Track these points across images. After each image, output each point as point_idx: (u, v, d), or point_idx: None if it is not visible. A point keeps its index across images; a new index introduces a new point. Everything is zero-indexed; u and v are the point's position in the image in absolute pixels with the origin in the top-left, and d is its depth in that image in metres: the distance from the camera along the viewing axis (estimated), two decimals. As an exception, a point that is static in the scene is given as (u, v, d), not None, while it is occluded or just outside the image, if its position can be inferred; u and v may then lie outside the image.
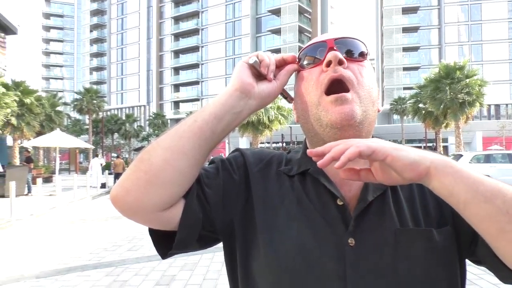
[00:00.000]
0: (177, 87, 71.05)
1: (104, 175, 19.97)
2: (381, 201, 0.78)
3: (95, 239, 7.72)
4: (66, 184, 18.46)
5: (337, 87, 0.76)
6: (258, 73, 0.80)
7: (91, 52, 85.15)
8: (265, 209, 0.82)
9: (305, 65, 0.83)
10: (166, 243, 0.80)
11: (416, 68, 55.83)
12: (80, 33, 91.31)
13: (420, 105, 31.05)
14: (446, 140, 42.20)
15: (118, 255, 6.43)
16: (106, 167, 25.21)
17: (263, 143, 38.07)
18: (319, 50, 0.80)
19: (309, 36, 60.45)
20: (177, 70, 71.03)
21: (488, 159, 14.88)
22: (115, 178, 19.49)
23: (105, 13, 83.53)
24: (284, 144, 41.19)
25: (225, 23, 65.60)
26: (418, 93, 31.19)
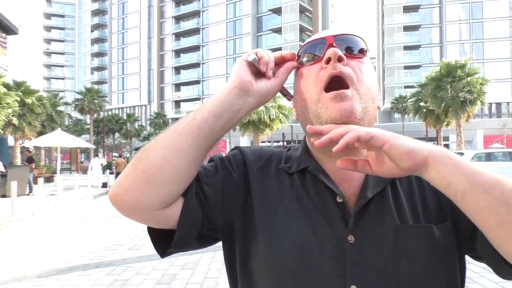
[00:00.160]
0: (178, 86, 71.10)
1: (105, 174, 19.99)
2: (380, 198, 0.77)
3: (96, 238, 7.72)
4: (67, 183, 18.50)
5: (336, 84, 0.75)
6: (257, 71, 0.79)
7: (92, 52, 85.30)
8: (264, 207, 0.82)
9: (304, 62, 0.82)
10: (165, 241, 0.80)
11: (417, 67, 55.74)
12: (81, 33, 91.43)
13: (421, 104, 31.05)
14: (447, 138, 42.16)
15: (119, 254, 6.43)
16: (107, 166, 25.23)
17: (264, 142, 38.05)
18: (318, 47, 0.79)
19: (310, 35, 60.34)
20: (178, 70, 71.08)
21: (489, 157, 14.87)
22: (116, 177, 19.45)
23: (106, 13, 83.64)
24: (285, 143, 41.18)
25: (226, 22, 65.59)
26: (419, 92, 31.22)
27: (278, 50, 0.82)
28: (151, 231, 0.82)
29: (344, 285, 0.72)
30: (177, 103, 70.31)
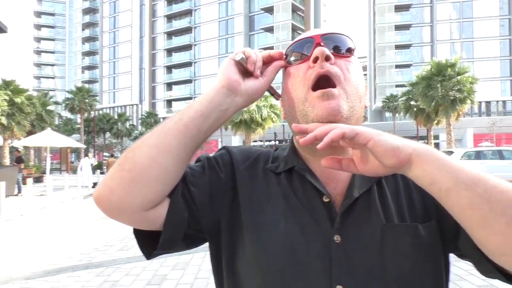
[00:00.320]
0: (169, 85, 70.78)
1: (96, 174, 19.83)
2: (367, 197, 0.77)
3: (86, 239, 7.64)
4: (57, 184, 18.31)
5: (324, 83, 0.74)
6: (245, 70, 0.79)
7: (83, 51, 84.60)
8: (251, 207, 0.81)
9: (292, 61, 0.81)
10: (151, 243, 0.79)
11: (408, 66, 56.10)
12: (72, 32, 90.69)
13: (412, 103, 31.31)
14: (438, 137, 42.51)
15: (109, 255, 6.36)
16: (98, 166, 25.04)
17: (256, 141, 38.07)
18: (306, 46, 0.79)
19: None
20: (169, 69, 70.75)
21: (478, 155, 14.97)
22: (107, 177, 19.31)
23: (97, 12, 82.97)
24: (277, 142, 41.23)
25: (218, 21, 65.42)
26: (410, 91, 31.44)
27: (270, 49, 0.83)
28: (137, 232, 0.81)
29: (330, 285, 0.72)
30: (169, 102, 69.99)
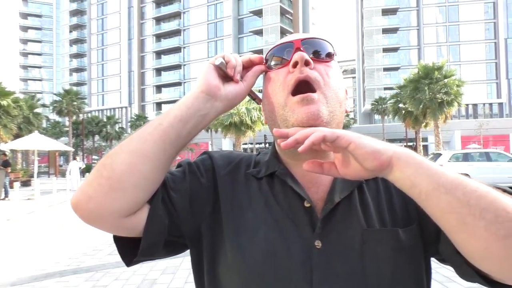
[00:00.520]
0: (159, 88, 70.47)
1: (85, 177, 19.64)
2: (348, 202, 0.77)
3: (74, 243, 7.56)
4: (45, 187, 18.06)
5: (303, 88, 0.74)
6: (225, 75, 0.78)
7: (70, 53, 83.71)
8: (232, 212, 0.80)
9: (272, 66, 0.81)
10: (132, 250, 0.77)
11: (396, 69, 56.75)
12: (59, 34, 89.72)
13: (400, 105, 31.64)
14: (426, 139, 42.97)
15: (98, 259, 6.31)
16: (87, 169, 24.80)
17: (246, 143, 38.08)
18: (286, 50, 0.79)
19: (291, 37, 60.71)
20: (159, 71, 70.47)
21: (466, 157, 15.15)
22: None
23: (84, 13, 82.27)
24: (267, 145, 41.27)
25: (207, 24, 65.40)
26: (398, 93, 31.78)
27: (259, 51, 0.83)
28: (117, 239, 0.79)
29: None
30: (159, 105, 69.66)
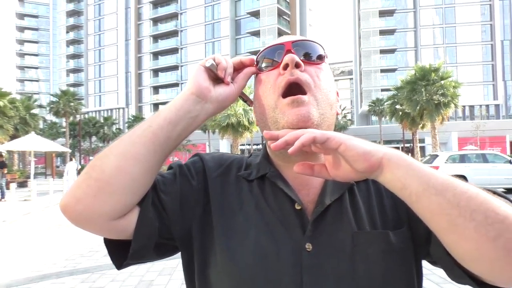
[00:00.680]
0: (156, 89, 70.32)
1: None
2: (338, 205, 0.77)
3: (71, 245, 7.54)
4: (42, 188, 18.03)
5: (294, 90, 0.74)
6: (216, 77, 0.78)
7: (67, 54, 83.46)
8: (223, 215, 0.80)
9: (263, 67, 0.81)
10: (122, 253, 0.77)
11: (393, 70, 56.88)
12: (56, 34, 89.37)
13: (397, 107, 31.68)
14: (423, 140, 43.10)
15: (94, 260, 6.30)
16: (84, 171, 24.76)
17: (243, 144, 38.09)
18: (277, 52, 0.79)
19: (288, 38, 60.76)
20: (156, 72, 70.35)
21: (463, 159, 15.16)
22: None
23: (81, 14, 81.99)
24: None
25: (205, 25, 65.36)
26: (395, 95, 31.84)
27: (257, 53, 0.83)
28: (107, 242, 0.79)
29: None
30: (156, 106, 69.49)
